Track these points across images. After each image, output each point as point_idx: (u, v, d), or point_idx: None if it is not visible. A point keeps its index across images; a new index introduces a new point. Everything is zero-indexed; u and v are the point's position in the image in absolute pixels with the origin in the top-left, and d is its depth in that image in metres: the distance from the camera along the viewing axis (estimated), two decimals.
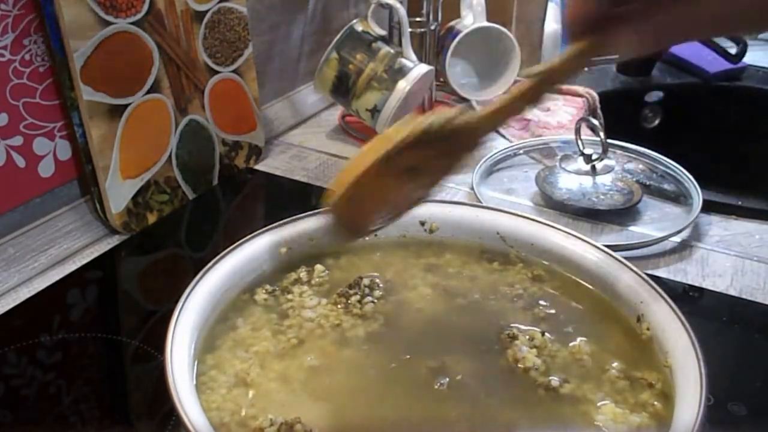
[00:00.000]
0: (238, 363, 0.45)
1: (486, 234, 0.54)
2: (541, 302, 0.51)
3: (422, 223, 0.55)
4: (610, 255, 0.49)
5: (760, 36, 1.25)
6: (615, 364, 0.46)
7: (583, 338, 0.48)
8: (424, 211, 0.55)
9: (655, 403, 0.42)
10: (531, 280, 0.53)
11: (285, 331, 0.49)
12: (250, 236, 0.51)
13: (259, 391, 0.44)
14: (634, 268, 0.48)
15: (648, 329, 0.45)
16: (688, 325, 0.42)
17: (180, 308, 0.44)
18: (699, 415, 0.37)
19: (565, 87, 0.99)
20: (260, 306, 0.51)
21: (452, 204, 0.56)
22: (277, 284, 0.53)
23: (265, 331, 0.49)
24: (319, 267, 0.54)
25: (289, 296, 0.52)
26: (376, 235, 0.55)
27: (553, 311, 0.51)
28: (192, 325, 0.44)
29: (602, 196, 0.76)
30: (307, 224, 0.54)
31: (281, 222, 0.53)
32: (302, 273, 0.53)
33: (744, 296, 0.64)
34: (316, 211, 0.54)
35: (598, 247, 0.50)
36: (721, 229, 0.74)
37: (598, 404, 0.42)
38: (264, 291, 0.52)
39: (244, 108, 0.84)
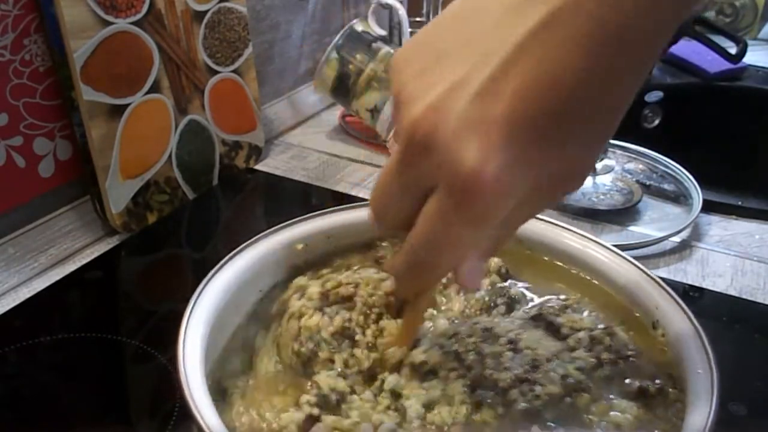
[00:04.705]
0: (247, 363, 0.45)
1: None
2: None
3: None
4: (626, 259, 0.49)
5: (760, 36, 1.25)
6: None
7: None
8: None
9: (668, 405, 0.41)
10: None
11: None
12: (263, 234, 0.49)
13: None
14: (650, 273, 0.47)
15: (663, 335, 0.45)
16: (701, 330, 0.42)
17: (191, 307, 0.42)
18: (709, 422, 0.37)
19: None
20: (274, 305, 0.50)
21: None
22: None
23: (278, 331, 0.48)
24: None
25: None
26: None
27: None
28: (203, 324, 0.42)
29: (602, 196, 0.76)
30: (324, 221, 0.53)
31: (296, 219, 0.52)
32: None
33: (744, 296, 0.64)
34: (332, 209, 0.53)
35: (612, 251, 0.50)
36: (721, 229, 0.74)
37: (613, 407, 0.42)
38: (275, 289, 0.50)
39: (244, 108, 0.84)
